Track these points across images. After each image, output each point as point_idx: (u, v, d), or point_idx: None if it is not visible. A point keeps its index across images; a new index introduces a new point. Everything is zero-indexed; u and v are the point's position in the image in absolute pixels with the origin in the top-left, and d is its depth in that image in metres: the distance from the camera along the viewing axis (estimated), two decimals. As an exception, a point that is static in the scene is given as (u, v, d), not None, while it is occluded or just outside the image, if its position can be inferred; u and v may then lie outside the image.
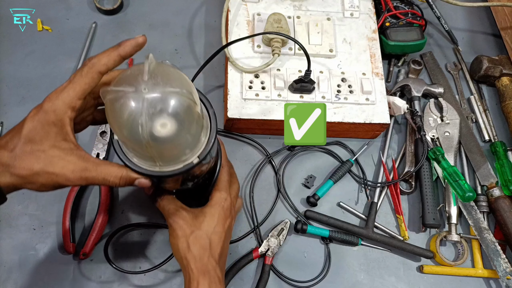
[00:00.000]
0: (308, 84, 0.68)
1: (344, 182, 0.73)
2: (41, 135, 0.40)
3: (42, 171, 0.40)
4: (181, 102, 0.38)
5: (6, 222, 0.63)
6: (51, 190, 0.42)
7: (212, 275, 0.47)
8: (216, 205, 0.50)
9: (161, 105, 0.37)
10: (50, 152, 0.40)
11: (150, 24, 0.80)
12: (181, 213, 0.49)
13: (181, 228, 0.49)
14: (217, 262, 0.49)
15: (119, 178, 0.42)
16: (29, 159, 0.40)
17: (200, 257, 0.48)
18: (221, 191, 0.51)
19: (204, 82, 0.77)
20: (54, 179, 0.40)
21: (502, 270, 0.66)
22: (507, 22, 0.86)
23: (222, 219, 0.50)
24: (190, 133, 0.41)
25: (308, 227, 0.66)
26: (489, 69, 0.81)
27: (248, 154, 0.73)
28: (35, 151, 0.40)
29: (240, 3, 0.75)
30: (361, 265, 0.68)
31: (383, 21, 0.79)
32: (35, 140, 0.40)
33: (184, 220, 0.49)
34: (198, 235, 0.48)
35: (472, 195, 0.66)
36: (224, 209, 0.51)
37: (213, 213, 0.50)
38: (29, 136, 0.40)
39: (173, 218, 0.49)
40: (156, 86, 0.37)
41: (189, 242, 0.48)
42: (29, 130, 0.40)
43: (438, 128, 0.76)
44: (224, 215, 0.51)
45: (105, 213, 0.63)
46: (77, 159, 0.41)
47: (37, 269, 0.61)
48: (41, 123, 0.40)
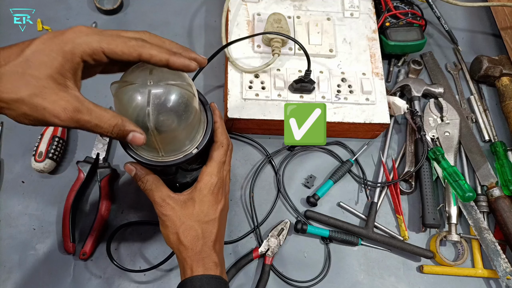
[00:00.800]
0: (308, 84, 0.68)
1: (344, 182, 0.73)
2: (42, 60, 0.36)
3: (28, 99, 0.35)
4: (182, 94, 0.41)
5: (6, 222, 0.63)
6: (33, 124, 0.37)
7: (206, 261, 0.47)
8: (205, 189, 0.48)
9: (165, 96, 0.40)
10: (44, 82, 0.36)
11: (150, 24, 0.80)
12: (168, 202, 0.48)
13: (170, 218, 0.47)
14: (212, 248, 0.48)
15: (113, 126, 0.39)
16: (16, 82, 0.35)
17: (192, 247, 0.47)
18: (211, 174, 0.49)
19: (204, 82, 0.77)
20: (41, 112, 0.36)
21: (502, 270, 0.66)
22: (507, 22, 0.86)
23: (213, 203, 0.49)
24: (190, 123, 0.43)
25: (308, 227, 0.66)
26: (489, 69, 0.81)
27: (248, 154, 0.73)
28: (27, 75, 0.35)
29: (240, 3, 0.75)
30: (361, 265, 0.68)
31: (383, 21, 0.79)
32: (33, 63, 0.36)
33: (173, 210, 0.48)
34: (188, 226, 0.47)
35: (472, 195, 0.66)
36: (214, 194, 0.49)
37: (203, 199, 0.48)
38: (28, 57, 0.36)
39: (160, 209, 0.48)
40: (160, 79, 0.40)
41: (179, 233, 0.47)
42: (33, 51, 0.36)
43: (438, 128, 0.76)
44: (215, 199, 0.49)
45: (105, 213, 0.63)
46: (71, 98, 0.37)
47: (37, 269, 0.61)
48: (50, 48, 0.36)
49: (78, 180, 0.64)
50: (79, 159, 0.66)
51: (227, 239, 0.66)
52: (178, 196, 0.49)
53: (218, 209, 0.49)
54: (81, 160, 0.66)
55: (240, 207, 0.69)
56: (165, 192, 0.49)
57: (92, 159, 0.66)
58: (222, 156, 0.50)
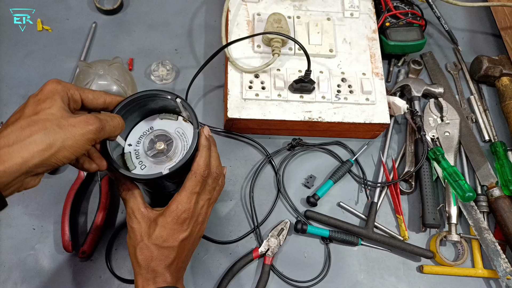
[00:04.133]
0: (308, 84, 0.68)
1: (344, 182, 0.73)
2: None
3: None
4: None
5: (6, 222, 0.63)
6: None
7: (158, 280, 0.47)
8: (170, 217, 0.47)
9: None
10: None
11: (150, 24, 0.80)
12: (136, 216, 0.48)
13: (134, 232, 0.48)
14: (167, 269, 0.47)
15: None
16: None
17: (145, 265, 0.47)
18: (179, 203, 0.48)
19: (204, 82, 0.77)
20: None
21: (502, 270, 0.66)
22: (507, 22, 0.86)
23: (175, 232, 0.48)
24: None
25: (308, 227, 0.66)
26: (489, 69, 0.81)
27: (248, 154, 0.73)
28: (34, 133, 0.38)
29: (240, 3, 0.75)
30: (361, 265, 0.68)
31: (383, 21, 0.79)
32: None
33: (138, 225, 0.48)
34: (145, 245, 0.47)
35: (472, 195, 0.66)
36: (179, 223, 0.47)
37: (165, 225, 0.47)
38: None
39: (129, 220, 0.49)
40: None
41: (136, 249, 0.47)
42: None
43: (438, 128, 0.76)
44: (178, 228, 0.48)
45: (104, 213, 0.63)
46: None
47: (37, 269, 0.61)
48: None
49: (78, 180, 0.64)
50: (79, 159, 0.66)
51: (227, 239, 0.66)
52: (148, 213, 0.49)
53: (178, 238, 0.48)
54: (81, 160, 0.66)
55: (240, 207, 0.69)
56: (137, 205, 0.49)
57: (92, 159, 0.66)
58: (194, 186, 0.48)
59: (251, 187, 0.70)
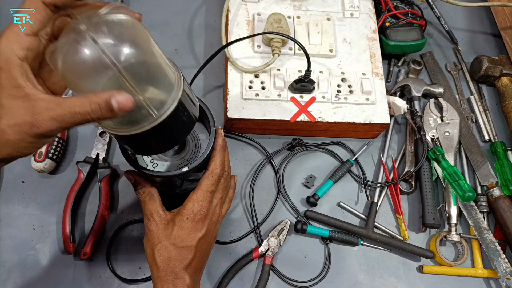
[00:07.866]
0: (308, 84, 0.68)
1: (344, 182, 0.73)
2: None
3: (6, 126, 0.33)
4: (124, 17, 0.36)
5: (6, 222, 0.63)
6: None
7: (177, 283, 0.47)
8: (186, 215, 0.48)
9: (106, 26, 0.34)
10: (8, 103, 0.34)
11: (150, 24, 0.80)
12: (155, 218, 0.49)
13: (152, 234, 0.48)
14: (185, 270, 0.47)
15: (90, 106, 0.33)
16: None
17: (163, 267, 0.47)
18: (195, 202, 0.48)
19: (204, 82, 0.77)
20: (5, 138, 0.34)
21: (502, 270, 0.66)
22: (507, 22, 0.86)
23: (192, 231, 0.48)
24: (155, 57, 0.38)
25: (308, 227, 0.66)
26: (489, 69, 0.81)
27: (248, 154, 0.73)
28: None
29: (240, 3, 0.75)
30: (361, 265, 0.68)
31: (383, 21, 0.79)
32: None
33: (156, 227, 0.48)
34: (164, 246, 0.47)
35: (472, 195, 0.66)
36: (195, 221, 0.48)
37: (182, 225, 0.48)
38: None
39: (147, 222, 0.49)
40: (93, 20, 0.34)
41: (154, 251, 0.47)
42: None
43: (438, 128, 0.76)
44: (195, 227, 0.48)
45: (105, 213, 0.63)
46: (24, 111, 0.34)
47: (37, 269, 0.61)
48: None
49: (78, 180, 0.64)
50: (79, 159, 0.66)
51: (227, 239, 0.66)
52: (165, 215, 0.49)
53: (196, 237, 0.48)
54: (81, 160, 0.66)
55: (240, 207, 0.69)
56: (155, 207, 0.49)
57: (92, 159, 0.66)
58: (210, 185, 0.49)
59: (251, 187, 0.70)
